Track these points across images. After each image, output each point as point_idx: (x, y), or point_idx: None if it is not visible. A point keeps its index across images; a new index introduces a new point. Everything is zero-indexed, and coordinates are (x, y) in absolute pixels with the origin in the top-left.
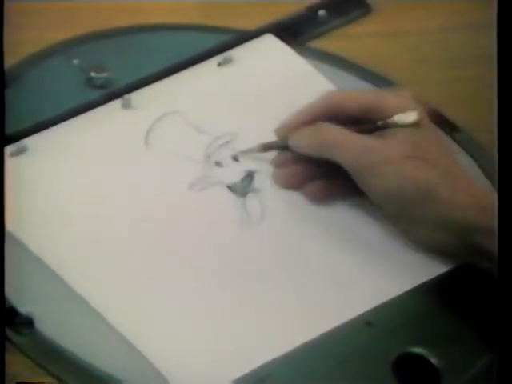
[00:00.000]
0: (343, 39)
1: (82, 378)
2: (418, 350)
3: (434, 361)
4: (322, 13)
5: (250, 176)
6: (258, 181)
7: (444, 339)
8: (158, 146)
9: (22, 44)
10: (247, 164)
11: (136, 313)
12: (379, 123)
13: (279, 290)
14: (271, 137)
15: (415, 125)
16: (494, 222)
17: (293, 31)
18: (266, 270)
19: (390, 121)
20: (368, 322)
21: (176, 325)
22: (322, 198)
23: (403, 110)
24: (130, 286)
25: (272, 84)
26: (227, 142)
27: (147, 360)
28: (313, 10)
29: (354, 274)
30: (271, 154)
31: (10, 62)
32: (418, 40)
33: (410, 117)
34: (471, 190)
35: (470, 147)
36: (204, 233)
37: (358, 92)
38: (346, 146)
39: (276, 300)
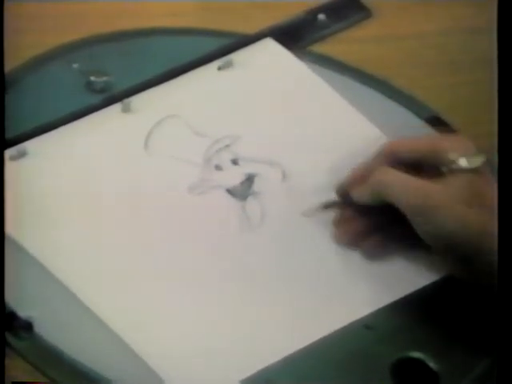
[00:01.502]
0: (343, 43)
1: (81, 381)
2: (416, 354)
3: (432, 365)
4: (321, 17)
5: (249, 179)
6: (257, 184)
7: (442, 343)
8: (157, 149)
9: (23, 48)
10: (247, 167)
11: (136, 317)
12: (443, 169)
13: (278, 292)
14: (272, 141)
15: (476, 169)
16: None
17: (293, 35)
18: (267, 273)
19: (454, 166)
20: (368, 326)
21: (176, 329)
22: (378, 254)
23: (460, 156)
24: (130, 290)
25: (272, 88)
26: (227, 145)
27: (147, 365)
28: (313, 14)
29: (354, 277)
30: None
31: (10, 65)
32: (418, 44)
33: (477, 161)
34: None
35: None
36: (204, 236)
37: (416, 140)
38: (404, 186)
39: (275, 302)
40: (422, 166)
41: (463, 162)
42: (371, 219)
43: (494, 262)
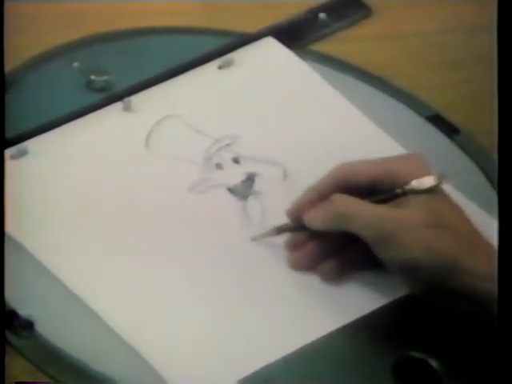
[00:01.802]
0: (344, 42)
1: (82, 380)
2: (418, 353)
3: (434, 364)
4: (322, 16)
5: (250, 179)
6: (258, 183)
7: (444, 343)
8: (158, 148)
9: (23, 47)
10: (248, 166)
11: (136, 316)
12: (397, 191)
13: (280, 291)
14: (273, 140)
15: (431, 190)
16: None
17: (293, 34)
18: (267, 272)
19: (407, 188)
20: (369, 325)
21: (176, 328)
22: (336, 278)
23: (417, 176)
24: (130, 288)
25: (272, 87)
26: (228, 144)
27: (148, 363)
28: (313, 12)
29: (354, 276)
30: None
31: (10, 65)
32: (418, 43)
33: (428, 182)
34: (493, 258)
35: (471, 149)
36: (204, 235)
37: (367, 162)
38: (362, 215)
39: (277, 301)
40: (376, 188)
41: (416, 184)
42: (327, 242)
43: (464, 282)
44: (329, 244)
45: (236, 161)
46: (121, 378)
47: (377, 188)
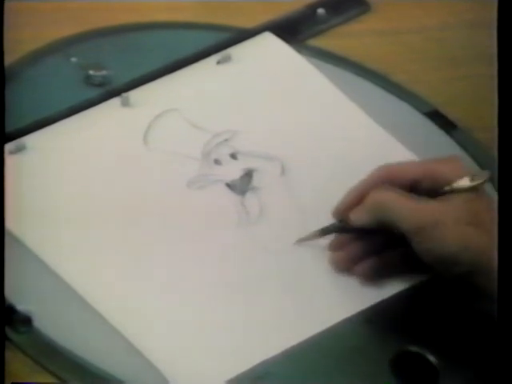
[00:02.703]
0: (342, 37)
1: (81, 376)
2: (415, 347)
3: (431, 358)
4: (320, 11)
5: (248, 174)
6: (256, 179)
7: (442, 337)
8: (156, 143)
9: (21, 42)
10: (246, 162)
11: (134, 311)
12: (446, 188)
13: (277, 288)
14: (271, 136)
15: (474, 189)
16: None
17: (292, 29)
18: (264, 269)
19: (448, 188)
20: (366, 320)
21: (175, 324)
22: (373, 277)
23: (457, 177)
24: (129, 285)
25: (271, 82)
26: (226, 139)
27: (146, 358)
28: (312, 8)
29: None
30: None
31: (8, 60)
32: (417, 38)
33: (469, 182)
34: None
35: (469, 145)
36: (203, 230)
37: (409, 163)
38: (402, 205)
39: (273, 298)
40: (417, 188)
41: (464, 182)
42: (367, 243)
43: (493, 280)
44: (370, 245)
45: (234, 156)
46: (120, 373)
47: (418, 189)
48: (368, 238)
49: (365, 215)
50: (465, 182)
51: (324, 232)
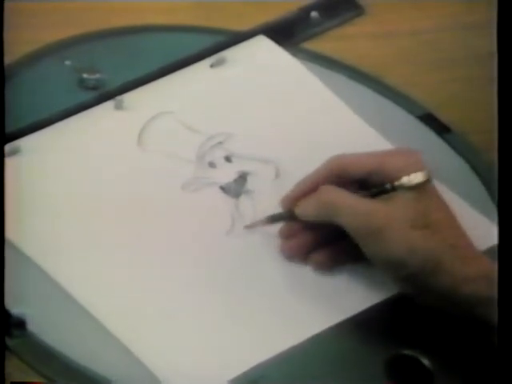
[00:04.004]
0: (336, 40)
1: (74, 379)
2: (410, 351)
3: (426, 362)
4: (314, 14)
5: (243, 177)
6: (250, 182)
7: (436, 341)
8: (150, 146)
9: (18, 44)
10: (240, 165)
11: (128, 313)
12: (387, 186)
13: (271, 290)
14: (265, 139)
15: (420, 186)
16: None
17: (285, 32)
18: (258, 271)
19: (396, 184)
20: (361, 324)
21: (169, 326)
22: (327, 267)
23: (409, 172)
24: (122, 287)
25: (265, 85)
26: (220, 142)
27: (139, 361)
28: (305, 11)
29: (347, 275)
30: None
31: (4, 62)
32: (411, 41)
33: (418, 178)
34: (477, 261)
35: (463, 149)
36: (196, 233)
37: (361, 155)
38: (349, 208)
39: (269, 300)
40: (368, 181)
41: (406, 180)
42: (319, 232)
43: (445, 283)
44: (322, 234)
45: (228, 159)
46: (113, 376)
47: (369, 181)
48: (318, 228)
49: (311, 212)
50: (414, 179)
51: (272, 219)
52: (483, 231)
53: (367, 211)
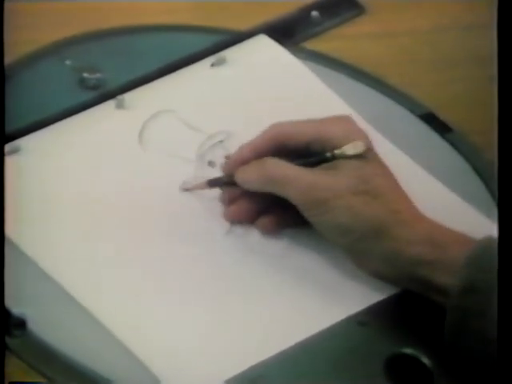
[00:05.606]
0: (336, 40)
1: (75, 379)
2: (410, 350)
3: (426, 361)
4: (315, 13)
5: None
6: None
7: (436, 340)
8: (151, 146)
9: (18, 44)
10: None
11: (128, 313)
12: (327, 155)
13: (270, 290)
14: None
15: (362, 154)
16: (443, 255)
17: (286, 32)
18: (258, 271)
19: (337, 152)
20: (361, 323)
21: (168, 325)
22: (274, 231)
23: (350, 140)
24: (122, 287)
25: (265, 84)
26: (220, 141)
27: (139, 361)
28: (306, 10)
29: (346, 274)
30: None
31: (4, 62)
32: (411, 41)
33: (358, 147)
34: (421, 224)
35: (464, 148)
36: (196, 233)
37: (302, 123)
38: (293, 182)
39: (267, 301)
40: (310, 149)
41: (346, 149)
42: (262, 198)
43: (388, 247)
44: (265, 200)
45: (228, 158)
46: (113, 376)
47: (310, 149)
48: (260, 194)
49: (254, 183)
50: (354, 147)
51: (212, 183)
52: (483, 230)
53: (310, 184)
